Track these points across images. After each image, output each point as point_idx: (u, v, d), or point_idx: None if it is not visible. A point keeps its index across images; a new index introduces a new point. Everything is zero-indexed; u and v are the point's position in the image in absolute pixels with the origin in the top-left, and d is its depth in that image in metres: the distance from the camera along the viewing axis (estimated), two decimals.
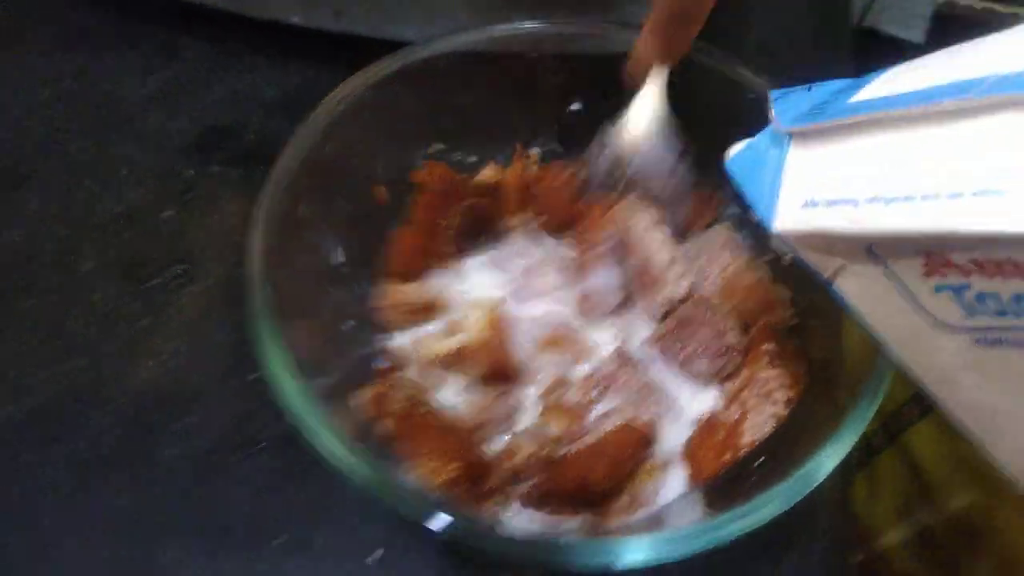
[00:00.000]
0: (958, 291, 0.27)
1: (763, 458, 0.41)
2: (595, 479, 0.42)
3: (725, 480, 0.42)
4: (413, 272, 0.52)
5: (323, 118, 0.47)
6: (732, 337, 0.47)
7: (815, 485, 0.36)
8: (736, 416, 0.43)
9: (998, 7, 1.21)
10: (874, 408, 0.37)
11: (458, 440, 0.42)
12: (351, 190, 0.52)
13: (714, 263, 0.51)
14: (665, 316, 0.50)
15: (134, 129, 0.67)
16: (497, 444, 0.47)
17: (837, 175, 0.30)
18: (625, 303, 0.52)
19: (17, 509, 0.50)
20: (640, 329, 0.51)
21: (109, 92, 0.70)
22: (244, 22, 0.68)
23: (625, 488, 0.44)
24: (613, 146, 0.52)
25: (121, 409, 0.54)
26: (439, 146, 0.55)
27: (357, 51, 0.58)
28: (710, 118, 0.52)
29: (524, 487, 0.44)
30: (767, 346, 0.45)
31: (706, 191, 0.54)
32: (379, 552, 0.49)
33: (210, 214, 0.63)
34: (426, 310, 0.50)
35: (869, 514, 0.77)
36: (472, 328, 0.46)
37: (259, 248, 0.42)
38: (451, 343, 0.46)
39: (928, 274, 0.27)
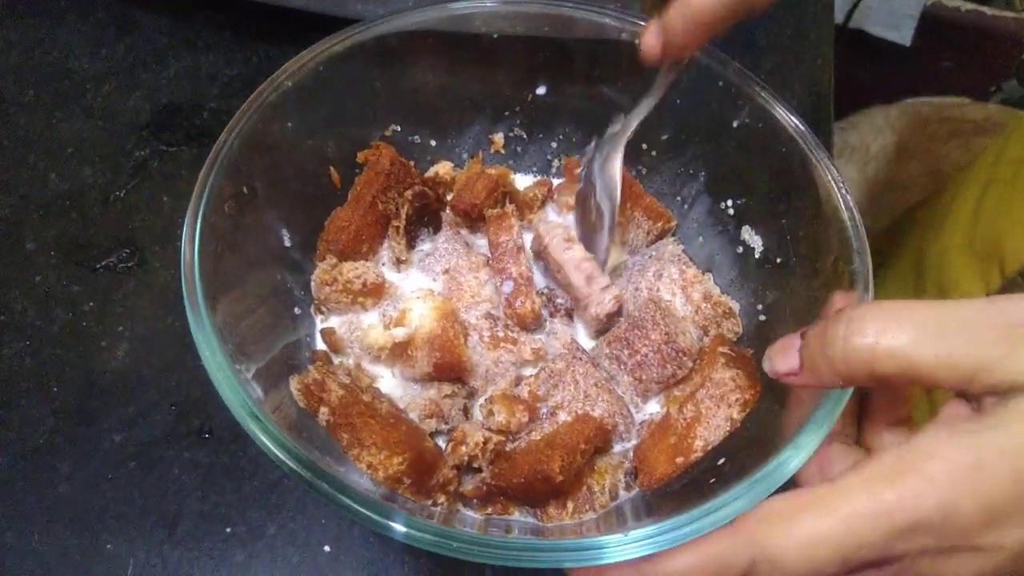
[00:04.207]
0: None
1: (724, 459, 0.40)
2: (550, 470, 0.40)
3: (682, 482, 0.41)
4: (354, 253, 0.50)
5: (269, 94, 0.45)
6: (684, 341, 0.46)
7: (779, 484, 0.35)
8: (689, 418, 0.42)
9: (985, 9, 1.21)
10: (839, 410, 0.36)
11: (404, 433, 0.41)
12: (301, 171, 0.50)
13: (664, 274, 0.50)
14: (600, 332, 0.49)
15: (84, 105, 0.65)
16: (444, 437, 0.45)
17: None
18: (566, 308, 0.51)
19: None
20: (585, 332, 0.50)
21: (59, 65, 0.67)
22: None
23: (583, 483, 0.43)
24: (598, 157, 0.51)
25: (63, 395, 0.52)
26: (395, 127, 0.53)
27: (320, 31, 0.55)
28: (680, 105, 0.51)
29: (473, 482, 0.43)
30: (723, 349, 0.44)
31: (658, 207, 0.54)
32: (334, 540, 0.48)
33: (161, 195, 0.61)
34: (367, 294, 0.48)
35: None
36: (420, 321, 0.44)
37: (195, 228, 0.40)
38: (397, 334, 0.44)
39: None
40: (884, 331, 0.29)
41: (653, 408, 0.47)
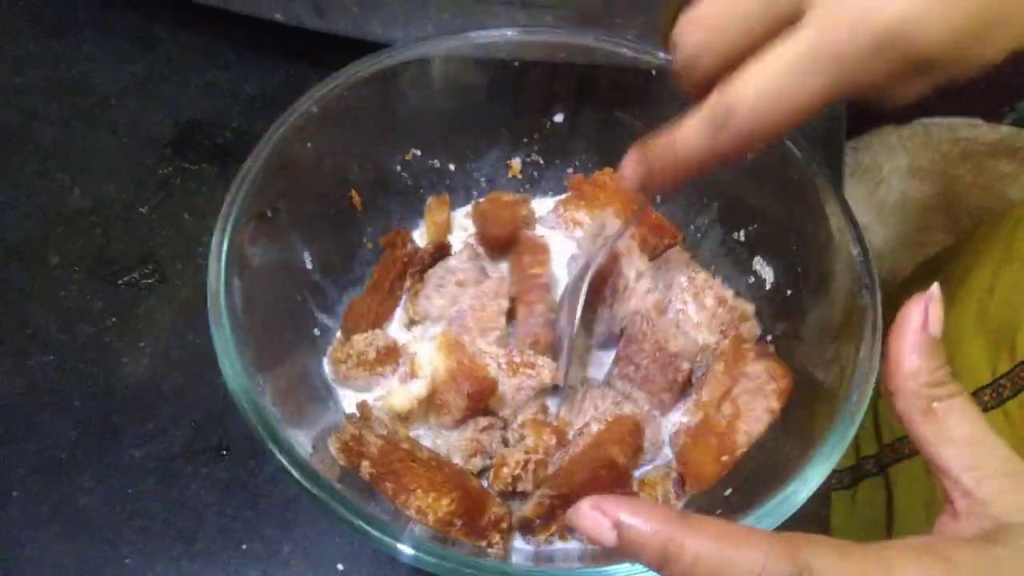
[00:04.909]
0: None
1: (731, 490, 0.40)
2: (613, 454, 0.41)
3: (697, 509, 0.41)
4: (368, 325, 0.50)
5: (295, 118, 0.46)
6: (675, 344, 0.46)
7: (786, 517, 0.35)
8: (729, 416, 0.42)
9: None
10: (847, 442, 0.37)
11: (448, 474, 0.41)
12: (323, 193, 0.51)
13: (674, 283, 0.50)
14: (623, 331, 0.50)
15: (108, 120, 0.66)
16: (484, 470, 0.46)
17: None
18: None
19: None
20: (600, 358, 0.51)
21: (83, 80, 0.68)
22: (226, 16, 0.66)
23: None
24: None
25: (85, 409, 0.53)
26: (415, 151, 0.54)
27: (341, 51, 0.56)
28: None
29: (532, 500, 0.43)
30: (748, 345, 0.44)
31: (663, 222, 0.54)
32: (348, 559, 0.48)
33: (184, 211, 0.62)
34: (383, 361, 0.48)
35: (847, 532, 0.78)
36: (431, 364, 0.45)
37: (222, 248, 0.41)
38: (416, 391, 0.44)
39: None
40: None
41: (676, 418, 0.48)
